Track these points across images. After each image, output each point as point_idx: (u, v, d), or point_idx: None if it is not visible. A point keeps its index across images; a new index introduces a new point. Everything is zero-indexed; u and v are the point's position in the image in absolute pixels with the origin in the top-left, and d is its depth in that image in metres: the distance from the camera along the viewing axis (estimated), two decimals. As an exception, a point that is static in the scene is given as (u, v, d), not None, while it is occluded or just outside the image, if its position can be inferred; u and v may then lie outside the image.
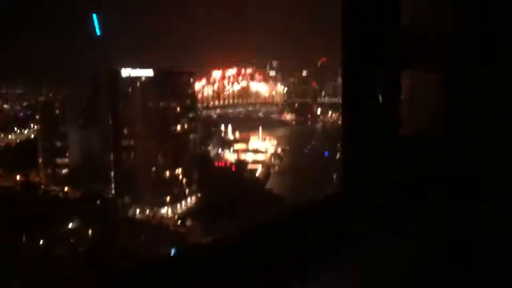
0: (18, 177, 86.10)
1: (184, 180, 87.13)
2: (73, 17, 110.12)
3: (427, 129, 4.31)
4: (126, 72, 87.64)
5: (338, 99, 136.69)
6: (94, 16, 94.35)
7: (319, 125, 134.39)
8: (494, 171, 4.35)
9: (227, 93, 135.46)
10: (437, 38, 3.93)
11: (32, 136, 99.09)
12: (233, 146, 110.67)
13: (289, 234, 2.91)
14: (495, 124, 4.23)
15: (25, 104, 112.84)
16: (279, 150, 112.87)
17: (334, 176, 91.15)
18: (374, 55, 3.24)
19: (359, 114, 3.30)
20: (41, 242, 65.73)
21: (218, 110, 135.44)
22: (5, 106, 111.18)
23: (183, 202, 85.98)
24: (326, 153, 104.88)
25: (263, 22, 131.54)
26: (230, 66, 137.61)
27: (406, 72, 3.61)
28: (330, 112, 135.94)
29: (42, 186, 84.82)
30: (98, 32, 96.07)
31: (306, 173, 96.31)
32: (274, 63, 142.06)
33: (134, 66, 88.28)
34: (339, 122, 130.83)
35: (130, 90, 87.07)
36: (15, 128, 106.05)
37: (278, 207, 76.01)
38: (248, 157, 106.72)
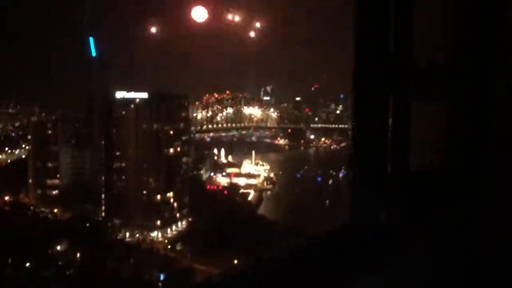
0: (7, 198, 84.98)
1: (175, 204, 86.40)
2: (68, 38, 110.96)
3: (433, 161, 4.35)
4: (120, 94, 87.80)
5: (330, 125, 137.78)
6: (91, 38, 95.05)
7: (312, 150, 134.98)
8: (498, 201, 4.38)
9: (221, 116, 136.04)
10: (443, 71, 4.02)
11: (24, 156, 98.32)
12: (225, 169, 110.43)
13: (306, 268, 2.89)
14: (499, 155, 4.28)
15: (17, 124, 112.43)
16: (271, 175, 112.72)
17: (327, 202, 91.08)
18: (384, 85, 3.29)
19: (369, 146, 3.33)
20: (28, 264, 64.41)
21: (211, 134, 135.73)
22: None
23: (174, 226, 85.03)
24: (319, 179, 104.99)
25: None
26: (224, 91, 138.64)
27: (414, 102, 3.66)
28: (323, 138, 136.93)
29: (32, 207, 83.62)
30: (93, 53, 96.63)
31: (298, 199, 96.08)
32: (268, 89, 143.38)
33: (128, 88, 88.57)
34: (332, 147, 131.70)
35: (124, 112, 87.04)
36: (6, 148, 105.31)
37: (271, 232, 75.39)
38: (241, 181, 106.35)
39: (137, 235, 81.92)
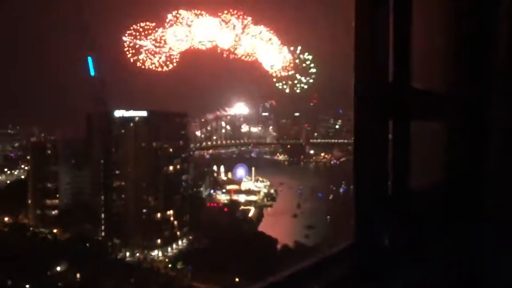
0: (6, 219, 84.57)
1: (175, 222, 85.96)
2: (67, 58, 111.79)
3: (432, 180, 4.37)
4: (119, 113, 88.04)
5: (330, 140, 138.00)
6: (89, 58, 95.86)
7: (311, 165, 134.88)
8: (496, 219, 4.38)
9: (220, 133, 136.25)
10: (441, 92, 4.09)
11: (23, 177, 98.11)
12: (225, 186, 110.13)
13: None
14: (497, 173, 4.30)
15: (16, 144, 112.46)
16: (272, 191, 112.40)
17: (328, 218, 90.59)
18: (384, 106, 3.33)
19: (370, 167, 3.35)
20: (28, 285, 63.78)
21: (210, 151, 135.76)
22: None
23: (174, 245, 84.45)
24: (320, 194, 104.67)
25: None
26: (223, 108, 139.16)
27: (413, 123, 3.69)
28: (322, 153, 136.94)
29: (31, 228, 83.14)
30: (92, 73, 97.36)
31: (299, 214, 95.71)
32: (267, 104, 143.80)
33: (127, 107, 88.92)
34: (332, 162, 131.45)
35: (123, 130, 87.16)
36: (6, 169, 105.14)
37: (271, 250, 74.88)
38: (241, 198, 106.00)
39: (138, 254, 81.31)
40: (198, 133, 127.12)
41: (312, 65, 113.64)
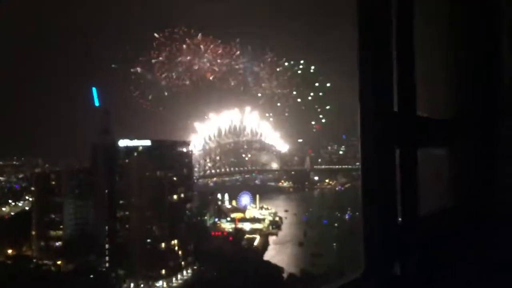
0: (10, 251, 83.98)
1: (180, 252, 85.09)
2: (71, 89, 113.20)
3: (440, 206, 4.37)
4: (123, 142, 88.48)
5: (334, 166, 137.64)
6: (93, 89, 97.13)
7: (316, 192, 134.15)
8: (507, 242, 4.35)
9: (224, 161, 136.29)
10: (446, 119, 4.14)
11: (27, 208, 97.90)
12: (230, 214, 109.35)
13: None
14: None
15: (20, 176, 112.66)
16: (277, 218, 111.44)
17: (334, 246, 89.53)
18: (390, 137, 3.37)
19: (379, 196, 3.36)
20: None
21: (214, 178, 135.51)
22: (0, 178, 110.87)
23: (179, 275, 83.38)
24: (325, 221, 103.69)
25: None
26: (227, 135, 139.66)
27: (419, 151, 3.72)
28: (327, 180, 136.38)
29: (34, 260, 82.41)
30: (96, 104, 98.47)
31: (305, 242, 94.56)
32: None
33: (131, 137, 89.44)
34: (336, 188, 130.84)
35: (127, 160, 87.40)
36: (10, 201, 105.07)
37: (277, 279, 73.75)
38: (246, 226, 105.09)
39: (142, 285, 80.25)
40: (201, 161, 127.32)
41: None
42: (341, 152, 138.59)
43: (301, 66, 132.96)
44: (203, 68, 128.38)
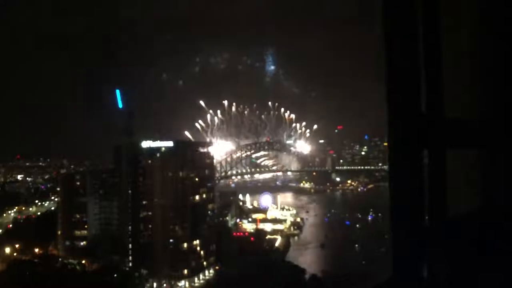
0: (36, 250, 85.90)
1: (202, 252, 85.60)
2: (95, 91, 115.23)
3: (469, 209, 4.27)
4: (146, 143, 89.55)
5: (356, 167, 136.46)
6: (117, 91, 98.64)
7: (338, 193, 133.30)
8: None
9: (245, 162, 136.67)
10: (477, 119, 4.05)
11: (53, 208, 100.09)
12: (251, 215, 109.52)
13: None
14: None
15: (46, 176, 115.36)
16: (298, 219, 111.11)
17: (356, 246, 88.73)
18: (418, 135, 3.32)
19: (406, 198, 3.31)
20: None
21: (236, 179, 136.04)
22: (27, 179, 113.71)
23: (201, 275, 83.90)
24: (348, 223, 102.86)
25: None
26: (247, 136, 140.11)
27: (448, 152, 3.65)
28: (349, 181, 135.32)
29: (60, 259, 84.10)
30: (120, 105, 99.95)
31: (327, 244, 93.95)
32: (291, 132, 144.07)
33: (154, 138, 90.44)
34: (359, 189, 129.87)
35: (150, 161, 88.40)
36: (37, 201, 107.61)
37: (299, 280, 73.44)
38: (267, 226, 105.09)
39: (165, 284, 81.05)
40: (223, 161, 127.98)
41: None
42: (363, 153, 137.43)
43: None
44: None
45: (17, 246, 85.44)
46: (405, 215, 3.32)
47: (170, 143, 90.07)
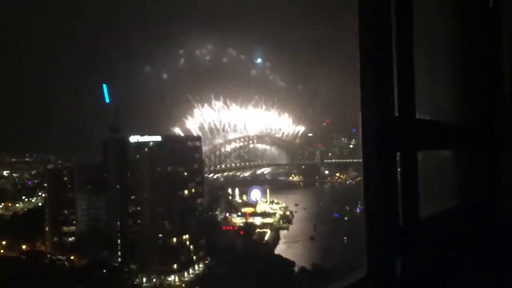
0: (24, 246, 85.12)
1: (191, 246, 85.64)
2: (82, 86, 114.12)
3: (442, 208, 4.39)
4: (134, 138, 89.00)
5: (344, 160, 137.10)
6: (104, 85, 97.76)
7: (327, 186, 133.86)
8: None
9: (234, 156, 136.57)
10: (447, 121, 4.15)
11: (40, 204, 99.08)
12: (240, 209, 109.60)
13: None
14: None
15: (33, 172, 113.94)
16: (287, 213, 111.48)
17: (345, 239, 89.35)
18: (391, 141, 3.41)
19: (380, 198, 3.40)
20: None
21: (225, 173, 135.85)
22: (14, 175, 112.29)
23: (191, 269, 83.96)
24: (337, 215, 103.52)
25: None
26: (235, 129, 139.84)
27: (420, 154, 3.75)
28: (337, 174, 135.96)
29: (48, 255, 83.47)
30: (107, 100, 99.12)
31: (316, 236, 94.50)
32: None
33: (142, 132, 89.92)
34: (347, 182, 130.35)
35: (138, 156, 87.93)
36: (23, 197, 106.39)
37: (288, 273, 73.94)
38: (256, 220, 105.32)
39: (154, 279, 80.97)
40: (212, 156, 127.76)
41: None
42: (351, 146, 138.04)
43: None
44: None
45: (4, 243, 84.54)
46: (379, 214, 3.42)
47: (158, 138, 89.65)
